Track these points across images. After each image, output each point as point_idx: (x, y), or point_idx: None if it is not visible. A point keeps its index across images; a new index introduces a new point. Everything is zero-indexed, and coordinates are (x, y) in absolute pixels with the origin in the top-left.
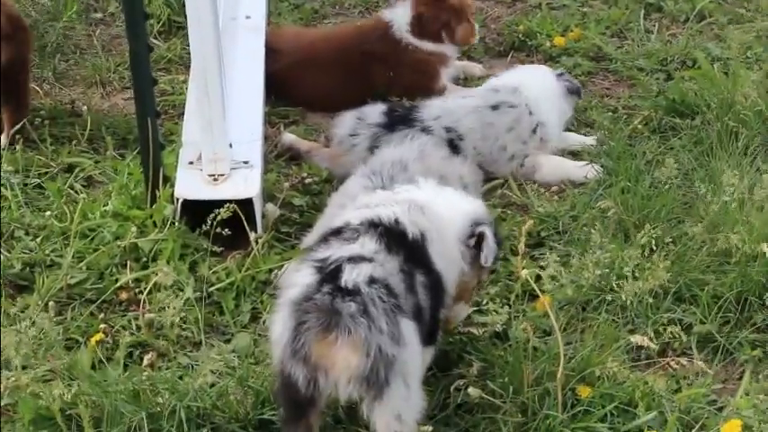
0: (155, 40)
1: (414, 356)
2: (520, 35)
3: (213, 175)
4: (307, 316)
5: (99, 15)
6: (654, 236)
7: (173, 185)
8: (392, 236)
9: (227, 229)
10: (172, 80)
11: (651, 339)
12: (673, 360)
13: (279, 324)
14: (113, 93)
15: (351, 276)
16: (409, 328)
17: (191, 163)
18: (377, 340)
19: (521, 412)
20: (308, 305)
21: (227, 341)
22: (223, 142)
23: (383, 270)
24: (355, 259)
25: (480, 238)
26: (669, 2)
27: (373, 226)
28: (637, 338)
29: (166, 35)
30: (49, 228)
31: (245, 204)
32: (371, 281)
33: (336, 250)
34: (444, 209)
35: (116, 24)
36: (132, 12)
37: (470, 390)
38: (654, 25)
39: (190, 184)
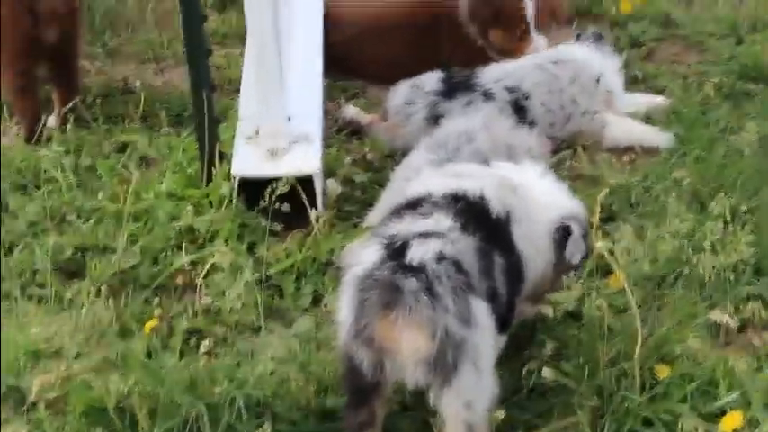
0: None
1: (486, 340)
2: (585, 1)
3: (271, 150)
4: (368, 293)
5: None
6: (729, 205)
7: (229, 162)
8: (472, 213)
9: (285, 205)
10: (227, 54)
11: (731, 315)
12: (755, 337)
13: (343, 304)
14: (167, 69)
15: (417, 253)
16: (481, 309)
17: (248, 138)
18: (443, 321)
19: (596, 394)
20: (369, 282)
21: (288, 326)
22: (281, 115)
23: (454, 247)
24: (426, 235)
25: (567, 231)
26: None
27: (454, 200)
28: (716, 315)
29: (221, 7)
30: (101, 210)
31: (305, 181)
32: (440, 258)
33: (407, 225)
34: (540, 194)
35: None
36: None
37: (545, 371)
38: None
39: (247, 161)
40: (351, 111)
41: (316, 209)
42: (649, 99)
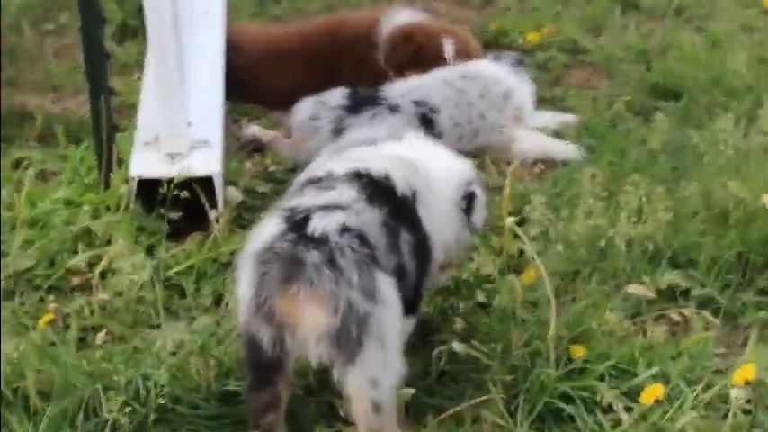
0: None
1: (392, 316)
2: (491, 34)
3: (171, 154)
4: (268, 267)
5: (51, 26)
6: (643, 196)
7: (127, 167)
8: (377, 188)
9: (184, 211)
10: (126, 82)
11: (648, 288)
12: (674, 312)
13: (242, 279)
14: (66, 98)
15: (319, 224)
16: (387, 285)
17: (147, 143)
18: (346, 294)
19: (510, 373)
20: (269, 255)
21: (188, 324)
22: (181, 120)
23: (358, 219)
24: (328, 207)
25: (471, 198)
26: None
27: (358, 176)
28: (633, 288)
29: (120, 39)
30: None
31: (205, 185)
32: (343, 230)
33: (309, 198)
34: (438, 168)
35: (68, 35)
36: None
37: (455, 345)
38: (631, 21)
39: (146, 164)
40: (253, 129)
41: (216, 210)
42: (558, 116)
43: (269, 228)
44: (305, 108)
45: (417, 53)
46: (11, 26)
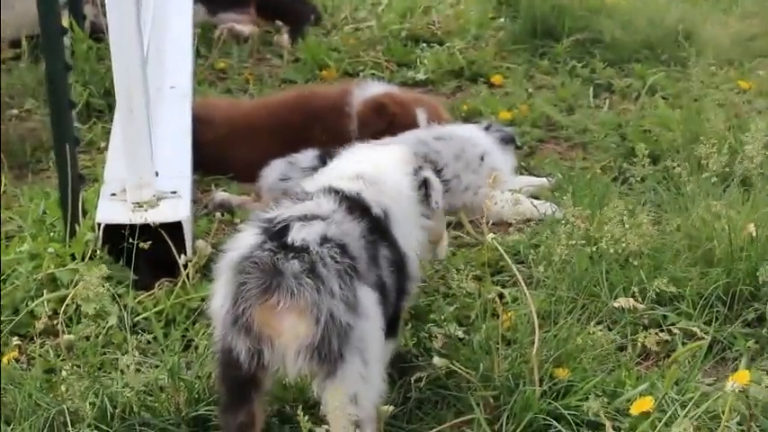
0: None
1: (374, 330)
2: (462, 114)
3: (138, 203)
4: (246, 277)
5: (15, 112)
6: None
7: (93, 217)
8: (354, 203)
9: (152, 261)
10: (93, 158)
11: (636, 299)
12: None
13: (218, 291)
14: (28, 175)
15: (299, 234)
16: (369, 298)
17: (114, 195)
18: (327, 305)
19: (493, 398)
20: (247, 264)
21: (156, 367)
22: (148, 170)
23: (339, 229)
24: (307, 217)
25: (425, 184)
26: (618, 81)
27: (333, 191)
28: (621, 301)
29: (86, 119)
30: None
31: (174, 231)
32: (324, 240)
33: (287, 209)
34: (392, 172)
35: (33, 119)
36: (48, 24)
37: (436, 360)
38: (604, 102)
39: (112, 211)
40: (221, 195)
41: (185, 255)
42: (534, 179)
43: (245, 238)
44: (275, 169)
45: (391, 122)
46: None
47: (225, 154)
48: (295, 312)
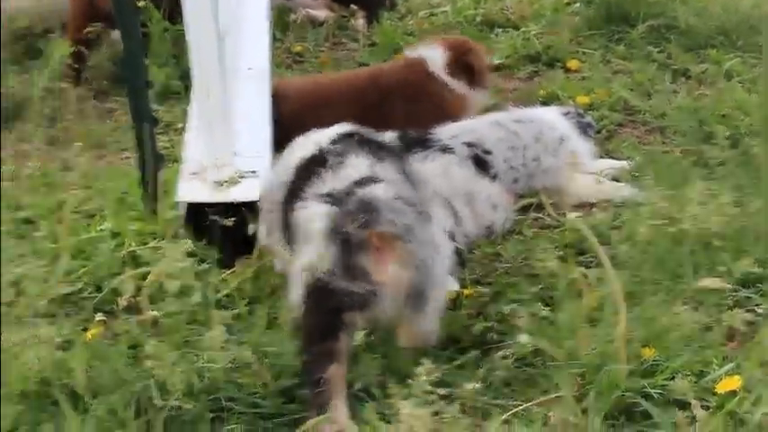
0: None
1: (445, 270)
2: (540, 99)
3: (217, 182)
4: (346, 227)
5: (94, 92)
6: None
7: (173, 196)
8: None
9: (234, 239)
10: (171, 139)
11: (723, 280)
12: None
13: (314, 244)
14: (108, 155)
15: (371, 191)
16: (441, 238)
17: (193, 174)
18: (417, 249)
19: (579, 376)
20: (346, 217)
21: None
22: (228, 149)
23: (395, 184)
24: (364, 181)
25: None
26: (694, 66)
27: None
28: (707, 281)
29: (163, 101)
30: (38, 251)
31: (252, 210)
32: (395, 196)
33: (333, 182)
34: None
35: (111, 99)
36: (122, 3)
37: (521, 337)
38: (680, 87)
39: (193, 190)
40: None
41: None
42: (614, 163)
43: (319, 209)
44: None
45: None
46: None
47: (300, 130)
48: (394, 256)
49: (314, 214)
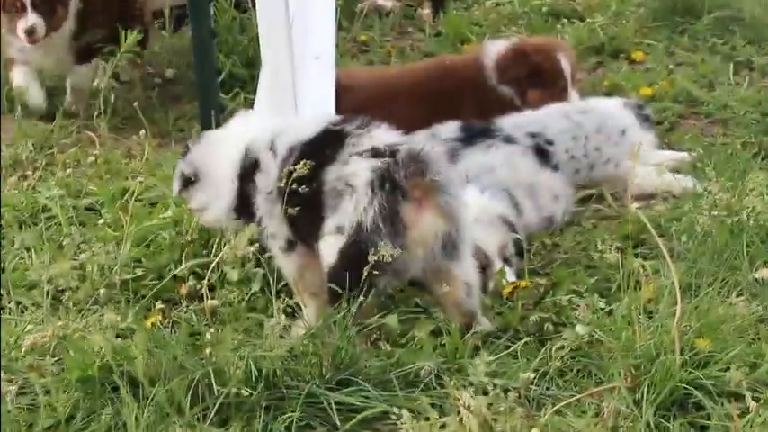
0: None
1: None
2: (603, 90)
3: None
4: (395, 170)
5: (158, 80)
6: None
7: None
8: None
9: None
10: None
11: None
12: None
13: (359, 194)
14: (170, 144)
15: (419, 145)
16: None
17: None
18: (452, 203)
19: (634, 367)
20: (393, 164)
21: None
22: None
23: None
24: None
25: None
26: (758, 58)
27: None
28: (764, 272)
29: (228, 89)
30: (101, 238)
31: None
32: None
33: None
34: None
35: (174, 88)
36: None
37: (578, 328)
38: (744, 79)
39: None
40: None
41: None
42: (675, 154)
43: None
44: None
45: (535, 71)
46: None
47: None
48: (434, 208)
49: (359, 169)
